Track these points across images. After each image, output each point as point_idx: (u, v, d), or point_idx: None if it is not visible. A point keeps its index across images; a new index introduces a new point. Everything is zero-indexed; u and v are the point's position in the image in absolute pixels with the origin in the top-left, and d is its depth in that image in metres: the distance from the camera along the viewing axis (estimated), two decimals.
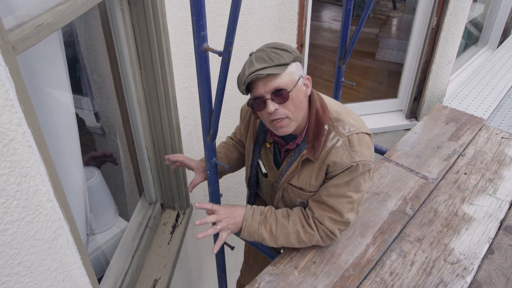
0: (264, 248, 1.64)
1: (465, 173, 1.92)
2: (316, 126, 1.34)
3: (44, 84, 1.17)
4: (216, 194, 1.62)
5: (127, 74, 1.66)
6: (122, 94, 1.76)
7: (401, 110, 3.15)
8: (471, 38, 4.02)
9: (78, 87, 1.78)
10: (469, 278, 1.44)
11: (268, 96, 1.24)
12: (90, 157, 1.79)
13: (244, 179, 1.70)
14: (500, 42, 4.01)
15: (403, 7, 5.32)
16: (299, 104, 1.28)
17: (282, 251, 1.57)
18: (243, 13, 2.05)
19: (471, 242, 1.58)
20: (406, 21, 4.84)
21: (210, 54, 1.22)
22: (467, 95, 3.08)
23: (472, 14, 3.73)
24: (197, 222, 1.39)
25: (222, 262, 1.87)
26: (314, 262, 1.48)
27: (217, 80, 1.25)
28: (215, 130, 1.40)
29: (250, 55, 1.28)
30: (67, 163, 1.33)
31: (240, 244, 2.03)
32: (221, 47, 1.15)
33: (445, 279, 1.44)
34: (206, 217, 1.41)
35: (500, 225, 1.65)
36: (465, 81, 3.28)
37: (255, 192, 1.70)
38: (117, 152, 2.03)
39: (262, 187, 1.65)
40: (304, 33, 2.39)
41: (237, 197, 2.68)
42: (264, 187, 1.62)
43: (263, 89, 1.24)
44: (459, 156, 2.02)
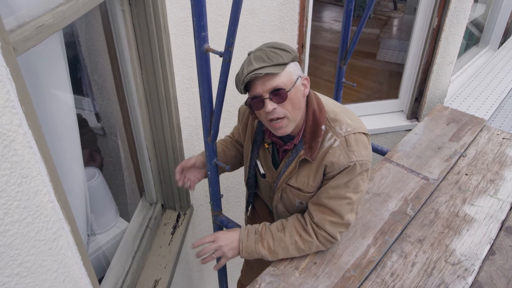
0: None
1: (466, 174, 1.91)
2: (313, 127, 1.34)
3: (45, 85, 1.17)
4: (216, 194, 1.62)
5: (128, 75, 1.66)
6: (123, 94, 1.76)
7: (402, 110, 3.15)
8: (472, 38, 4.01)
9: (79, 87, 1.78)
10: (470, 279, 1.44)
11: (267, 95, 1.24)
12: (89, 155, 1.79)
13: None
14: (501, 43, 4.01)
15: (404, 8, 5.32)
16: (297, 104, 1.28)
17: None
18: (244, 13, 2.05)
19: (472, 243, 1.57)
20: (407, 22, 4.84)
21: (211, 54, 1.22)
22: (468, 96, 3.07)
23: (473, 15, 3.73)
24: (193, 246, 1.50)
25: None
26: (315, 263, 1.48)
27: (218, 80, 1.25)
28: (216, 130, 1.40)
29: (249, 54, 1.27)
30: (68, 164, 1.33)
31: None
32: (222, 47, 1.15)
33: (446, 280, 1.44)
34: (203, 241, 1.50)
35: (501, 226, 1.65)
36: (466, 82, 3.28)
37: (254, 192, 1.71)
38: (118, 153, 2.03)
39: (261, 187, 1.65)
40: (305, 34, 2.39)
41: (237, 197, 2.68)
42: (263, 187, 1.62)
43: (262, 89, 1.24)
44: (460, 156, 2.02)
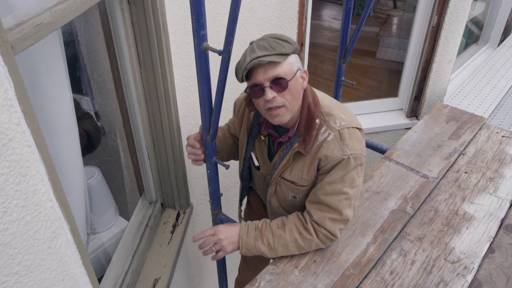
0: None
1: (466, 172, 1.91)
2: (307, 120, 1.36)
3: (44, 84, 1.17)
4: (216, 193, 1.62)
5: (127, 73, 1.66)
6: (122, 93, 1.76)
7: (402, 109, 3.15)
8: (472, 36, 4.01)
9: (78, 86, 1.78)
10: (469, 277, 1.44)
11: (267, 84, 1.25)
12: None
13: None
14: (501, 41, 4.01)
15: (404, 6, 5.31)
16: (296, 95, 1.30)
17: None
18: (243, 12, 2.04)
19: (472, 241, 1.58)
20: (406, 20, 4.84)
21: (210, 53, 1.22)
22: (467, 94, 3.07)
23: (472, 13, 3.72)
24: (193, 239, 1.49)
25: (222, 261, 1.87)
26: (315, 261, 1.48)
27: (217, 79, 1.25)
28: (215, 129, 1.40)
29: (251, 44, 1.29)
30: (67, 163, 1.33)
31: None
32: (221, 46, 1.15)
33: (446, 278, 1.44)
34: (204, 235, 1.50)
35: (501, 224, 1.65)
36: (466, 80, 3.28)
37: (248, 185, 1.71)
38: (117, 152, 2.03)
39: (255, 180, 1.66)
40: (304, 32, 2.39)
41: (237, 196, 2.68)
42: (257, 180, 1.63)
43: (263, 77, 1.25)
44: (459, 155, 2.02)
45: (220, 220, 1.70)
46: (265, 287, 1.40)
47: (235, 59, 1.39)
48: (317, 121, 1.35)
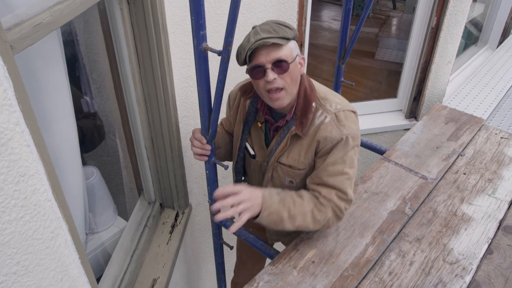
0: (259, 245, 1.63)
1: (464, 173, 1.92)
2: (304, 104, 1.41)
3: (43, 83, 1.17)
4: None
5: (126, 73, 1.66)
6: (121, 93, 1.76)
7: (401, 110, 3.15)
8: (471, 38, 4.02)
9: (77, 86, 1.78)
10: (468, 278, 1.44)
11: (269, 65, 1.29)
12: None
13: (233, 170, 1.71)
14: (500, 42, 4.01)
15: (403, 7, 5.32)
16: (294, 78, 1.35)
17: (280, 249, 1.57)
18: (243, 12, 2.05)
19: (470, 242, 1.58)
20: (406, 21, 4.84)
21: (210, 53, 1.22)
22: (466, 95, 3.07)
23: (472, 14, 3.73)
24: (217, 205, 1.30)
25: (221, 262, 1.88)
26: (313, 262, 1.48)
27: (216, 79, 1.25)
28: (214, 129, 1.40)
29: (254, 28, 1.33)
30: (66, 162, 1.33)
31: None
32: (221, 46, 1.16)
33: (444, 279, 1.44)
34: (227, 191, 1.33)
35: (499, 225, 1.65)
36: (465, 81, 3.28)
37: (241, 179, 1.72)
38: (116, 152, 2.03)
39: (249, 171, 1.65)
40: (303, 33, 2.39)
41: None
42: (252, 170, 1.63)
43: (265, 58, 1.29)
44: (458, 156, 2.02)
45: (219, 221, 1.70)
46: (264, 287, 1.40)
47: (234, 60, 1.39)
48: (313, 104, 1.41)
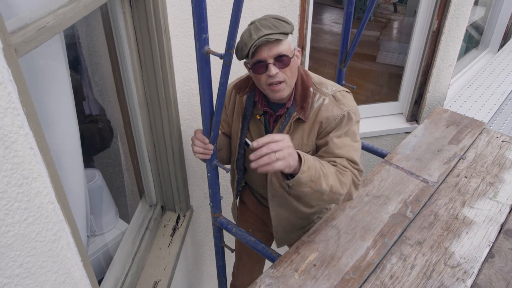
0: (260, 248, 1.63)
1: (466, 177, 1.92)
2: (302, 90, 1.46)
3: (46, 86, 1.17)
4: (216, 196, 1.62)
5: (128, 76, 1.67)
6: (123, 96, 1.76)
7: (402, 113, 3.15)
8: (472, 41, 4.02)
9: (80, 89, 1.78)
10: (469, 282, 1.44)
11: (271, 60, 1.34)
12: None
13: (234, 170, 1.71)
14: (501, 46, 4.02)
15: (404, 10, 5.32)
16: (294, 71, 1.41)
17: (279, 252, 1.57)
18: (244, 15, 2.05)
19: (472, 246, 1.58)
20: (407, 24, 4.85)
21: (212, 56, 1.23)
22: (467, 99, 3.08)
23: (473, 18, 3.74)
24: (255, 145, 1.20)
25: (222, 265, 1.87)
26: (314, 265, 1.48)
27: (218, 82, 1.26)
28: (216, 132, 1.41)
29: (253, 23, 1.36)
30: (68, 165, 1.33)
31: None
32: (223, 49, 1.16)
33: (445, 282, 1.44)
34: (273, 139, 1.22)
35: (501, 229, 1.65)
36: (466, 85, 3.29)
37: (242, 177, 1.73)
38: (118, 154, 2.04)
39: (250, 169, 1.64)
40: (305, 36, 2.40)
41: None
42: None
43: (267, 54, 1.33)
44: (459, 159, 2.02)
45: (220, 223, 1.70)
46: None
47: (236, 63, 1.39)
48: (311, 89, 1.46)
